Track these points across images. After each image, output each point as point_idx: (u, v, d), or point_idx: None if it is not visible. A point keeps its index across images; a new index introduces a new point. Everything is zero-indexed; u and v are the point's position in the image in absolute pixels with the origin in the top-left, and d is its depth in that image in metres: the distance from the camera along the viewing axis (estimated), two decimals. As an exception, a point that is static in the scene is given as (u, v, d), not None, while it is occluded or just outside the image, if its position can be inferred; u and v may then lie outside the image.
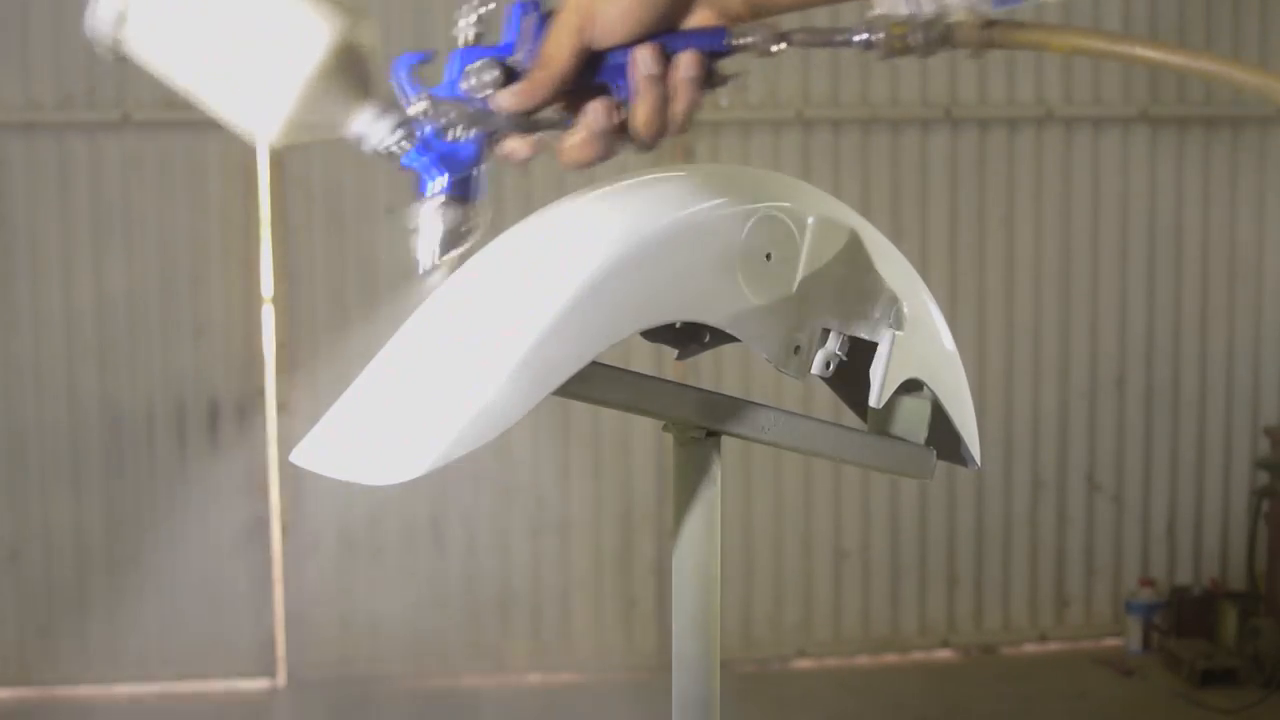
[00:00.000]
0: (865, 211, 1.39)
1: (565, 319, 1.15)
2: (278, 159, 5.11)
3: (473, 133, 1.14)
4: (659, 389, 1.29)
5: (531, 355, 1.14)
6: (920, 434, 1.43)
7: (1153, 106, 5.49)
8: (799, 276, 1.29)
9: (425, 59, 1.14)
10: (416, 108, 1.13)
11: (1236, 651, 5.17)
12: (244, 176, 5.10)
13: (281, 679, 5.22)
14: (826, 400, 1.51)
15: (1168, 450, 5.61)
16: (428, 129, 1.14)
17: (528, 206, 1.28)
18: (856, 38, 1.14)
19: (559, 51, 1.13)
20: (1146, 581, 5.50)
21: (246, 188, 5.11)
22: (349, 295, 5.15)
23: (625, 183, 1.30)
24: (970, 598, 5.54)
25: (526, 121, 1.17)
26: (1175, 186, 5.55)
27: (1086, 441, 5.56)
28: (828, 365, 1.31)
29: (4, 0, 4.97)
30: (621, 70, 1.15)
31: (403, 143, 1.16)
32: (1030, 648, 5.57)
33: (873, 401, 1.31)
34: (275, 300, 5.14)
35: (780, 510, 5.39)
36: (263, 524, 5.18)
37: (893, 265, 1.37)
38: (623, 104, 1.16)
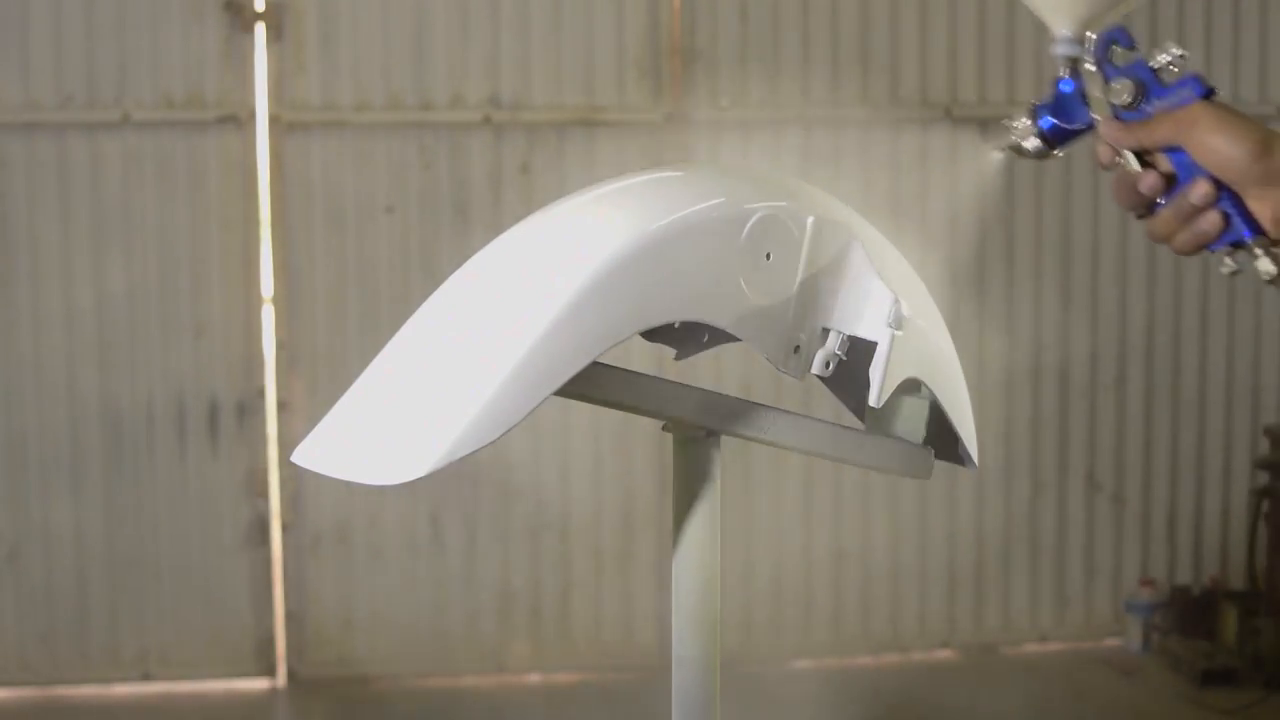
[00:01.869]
0: (865, 211, 1.39)
1: (566, 319, 1.15)
2: (278, 159, 5.11)
3: (1092, 117, 1.42)
4: (659, 389, 1.29)
5: (533, 356, 1.14)
6: (919, 434, 1.44)
7: (1153, 106, 5.48)
8: (799, 276, 1.29)
9: (1124, 42, 1.41)
10: (1088, 64, 1.41)
11: (1236, 651, 5.17)
12: (244, 176, 5.10)
13: (281, 679, 5.22)
14: (826, 400, 1.51)
15: (1168, 450, 5.61)
16: (1075, 81, 1.42)
17: (528, 206, 1.28)
18: None
19: (1160, 133, 1.37)
20: (1146, 581, 5.50)
21: (246, 188, 5.11)
22: (349, 295, 5.15)
23: (625, 183, 1.30)
24: (970, 598, 5.54)
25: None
26: (1175, 186, 5.54)
27: (1086, 441, 5.56)
28: (827, 365, 1.31)
29: (4, 0, 4.97)
30: (1186, 171, 1.37)
31: (1065, 70, 1.43)
32: (1030, 648, 5.57)
33: (872, 401, 1.31)
34: (275, 300, 5.14)
35: (780, 510, 5.39)
36: (263, 524, 5.18)
37: (892, 265, 1.38)
38: (1165, 190, 1.39)
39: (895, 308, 1.29)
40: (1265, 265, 1.34)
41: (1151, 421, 5.60)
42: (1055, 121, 1.46)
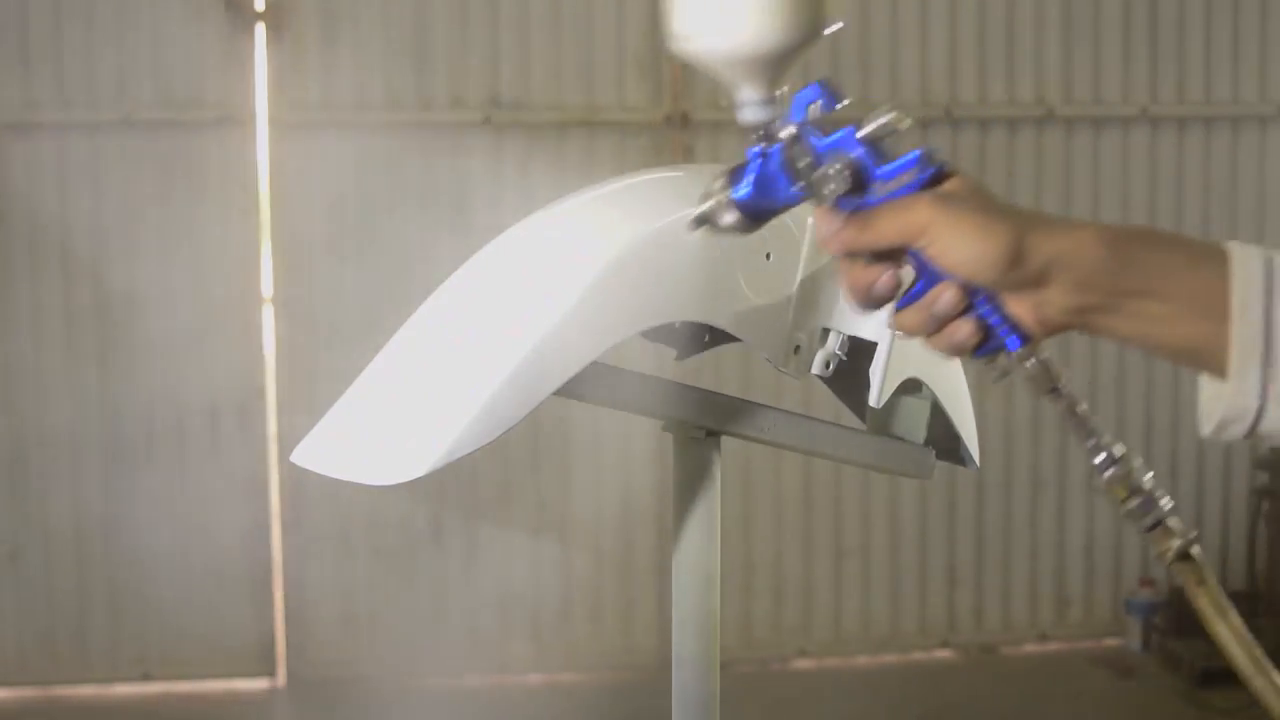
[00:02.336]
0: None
1: (566, 320, 1.15)
2: (278, 159, 5.11)
3: (797, 191, 1.12)
4: (659, 389, 1.29)
5: (532, 356, 1.14)
6: (919, 434, 1.44)
7: (1153, 106, 5.49)
8: (799, 276, 1.29)
9: (826, 102, 1.12)
10: (784, 130, 1.12)
11: (1236, 651, 5.16)
12: (244, 176, 5.10)
13: (281, 679, 5.22)
14: (826, 400, 1.51)
15: (1168, 450, 5.61)
16: (775, 148, 1.12)
17: (528, 206, 1.28)
18: (1100, 475, 1.13)
19: (885, 235, 1.08)
20: (1146, 581, 5.50)
21: (246, 188, 5.11)
22: (349, 295, 5.15)
23: (625, 183, 1.30)
24: (970, 598, 5.54)
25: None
26: (1175, 186, 5.55)
27: (1086, 441, 5.55)
28: (827, 365, 1.31)
29: (4, 1, 4.97)
30: (928, 277, 1.10)
31: (756, 136, 1.14)
32: (1030, 648, 5.57)
33: (872, 401, 1.31)
34: (275, 300, 5.14)
35: (780, 510, 5.39)
36: (263, 524, 5.18)
37: (893, 265, 1.37)
38: (911, 290, 1.12)
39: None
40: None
41: (1151, 421, 5.60)
42: (754, 195, 1.14)
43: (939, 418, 1.44)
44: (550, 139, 5.20)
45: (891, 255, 1.09)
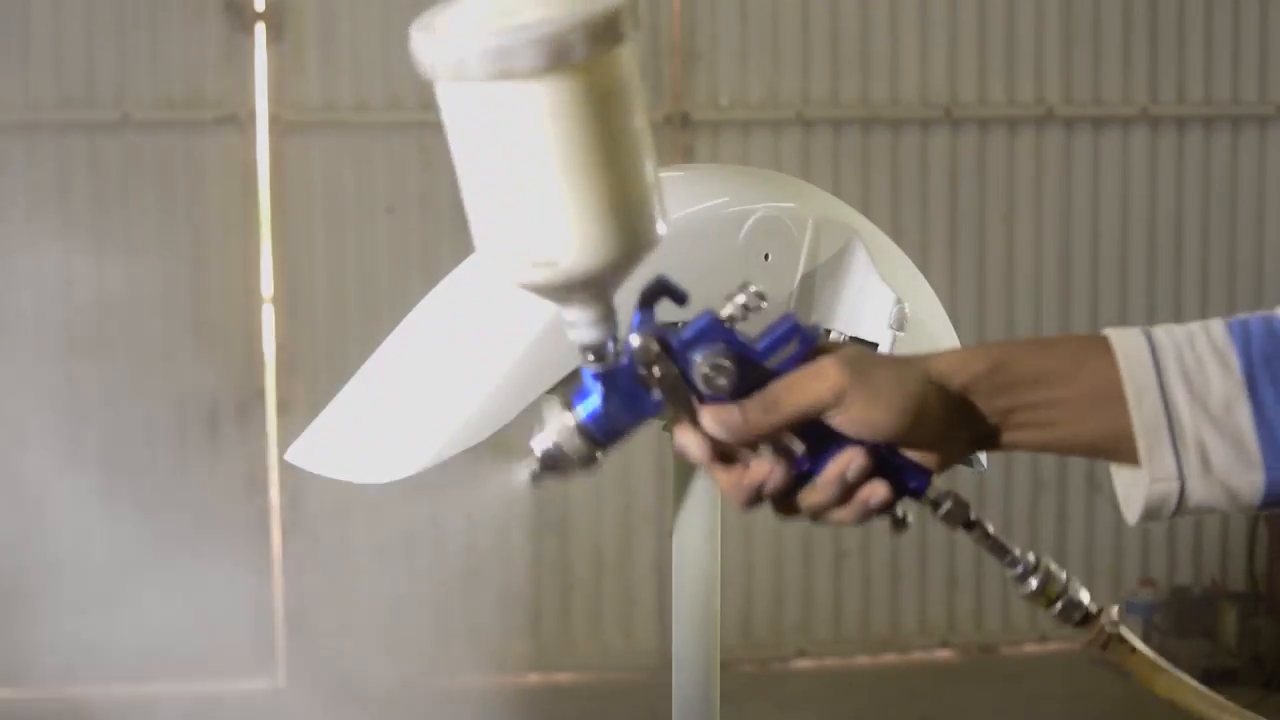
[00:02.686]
0: (865, 211, 1.39)
1: (560, 320, 1.15)
2: (278, 159, 5.11)
3: (660, 402, 1.03)
4: (659, 389, 1.29)
5: (527, 355, 1.13)
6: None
7: (1153, 106, 5.49)
8: (799, 276, 1.28)
9: (674, 294, 1.03)
10: (636, 342, 1.01)
11: (1236, 651, 5.16)
12: (244, 176, 5.10)
13: (281, 679, 5.22)
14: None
15: (1168, 450, 5.60)
16: (625, 362, 1.02)
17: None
18: (1025, 585, 1.20)
19: (798, 408, 1.03)
20: (1146, 581, 5.50)
21: (246, 188, 5.11)
22: (349, 295, 5.15)
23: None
24: (970, 598, 5.54)
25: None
26: (1175, 186, 5.54)
27: (1086, 441, 5.55)
28: (828, 365, 1.31)
29: (4, 0, 4.97)
30: (821, 441, 1.06)
31: (591, 355, 1.03)
32: (1030, 648, 5.57)
33: (873, 401, 1.30)
34: (275, 300, 5.14)
35: (780, 510, 5.39)
36: (263, 524, 5.18)
37: (895, 265, 1.37)
38: (800, 469, 1.09)
39: (898, 308, 1.29)
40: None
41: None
42: (604, 416, 1.04)
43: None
44: (550, 139, 5.19)
45: (776, 440, 1.05)
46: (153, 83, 5.05)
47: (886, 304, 1.29)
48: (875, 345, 1.32)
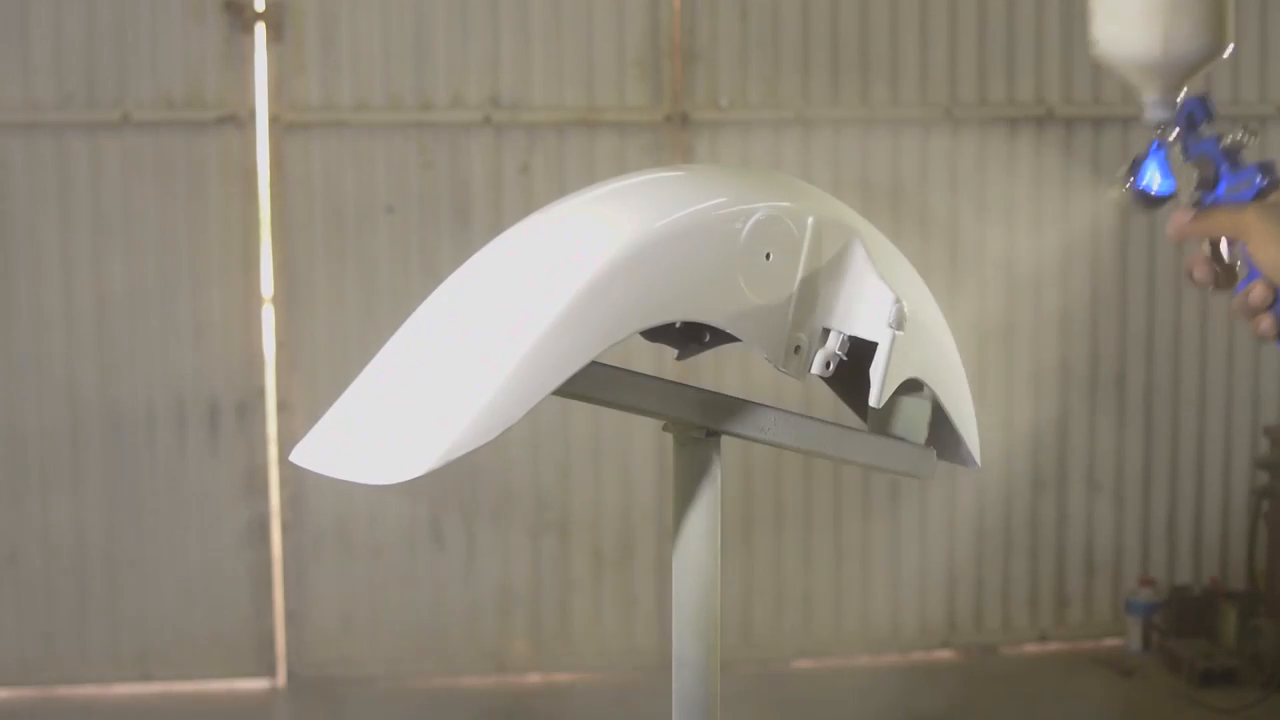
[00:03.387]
0: (865, 211, 1.39)
1: (566, 319, 1.15)
2: (278, 159, 5.11)
3: (1168, 186, 1.43)
4: (659, 389, 1.29)
5: (532, 355, 1.14)
6: (920, 434, 1.43)
7: (1153, 106, 5.48)
8: (799, 276, 1.29)
9: (1201, 113, 1.43)
10: (1169, 133, 1.44)
11: (1236, 651, 5.17)
12: (244, 176, 5.10)
13: (281, 679, 5.22)
14: (826, 400, 1.51)
15: (1168, 450, 5.61)
16: (1164, 145, 1.43)
17: (528, 206, 1.28)
18: None
19: (1214, 228, 1.39)
20: (1146, 581, 5.50)
21: (246, 188, 5.11)
22: (349, 295, 5.15)
23: (626, 183, 1.30)
24: (970, 598, 5.54)
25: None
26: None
27: (1086, 441, 5.56)
28: (828, 365, 1.31)
29: (4, 0, 4.97)
30: (1250, 265, 1.38)
31: (1156, 131, 1.44)
32: (1030, 648, 5.57)
33: (872, 401, 1.31)
34: (275, 300, 5.14)
35: (780, 510, 5.39)
36: (263, 524, 5.18)
37: (893, 265, 1.37)
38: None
39: (896, 307, 1.29)
40: None
41: (1151, 422, 5.60)
42: (1145, 184, 1.49)
43: (940, 418, 1.43)
44: (550, 139, 5.20)
45: (1218, 249, 1.39)
46: (153, 83, 5.05)
47: (885, 303, 1.29)
48: (874, 345, 1.32)
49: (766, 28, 5.28)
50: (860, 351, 1.31)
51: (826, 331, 1.31)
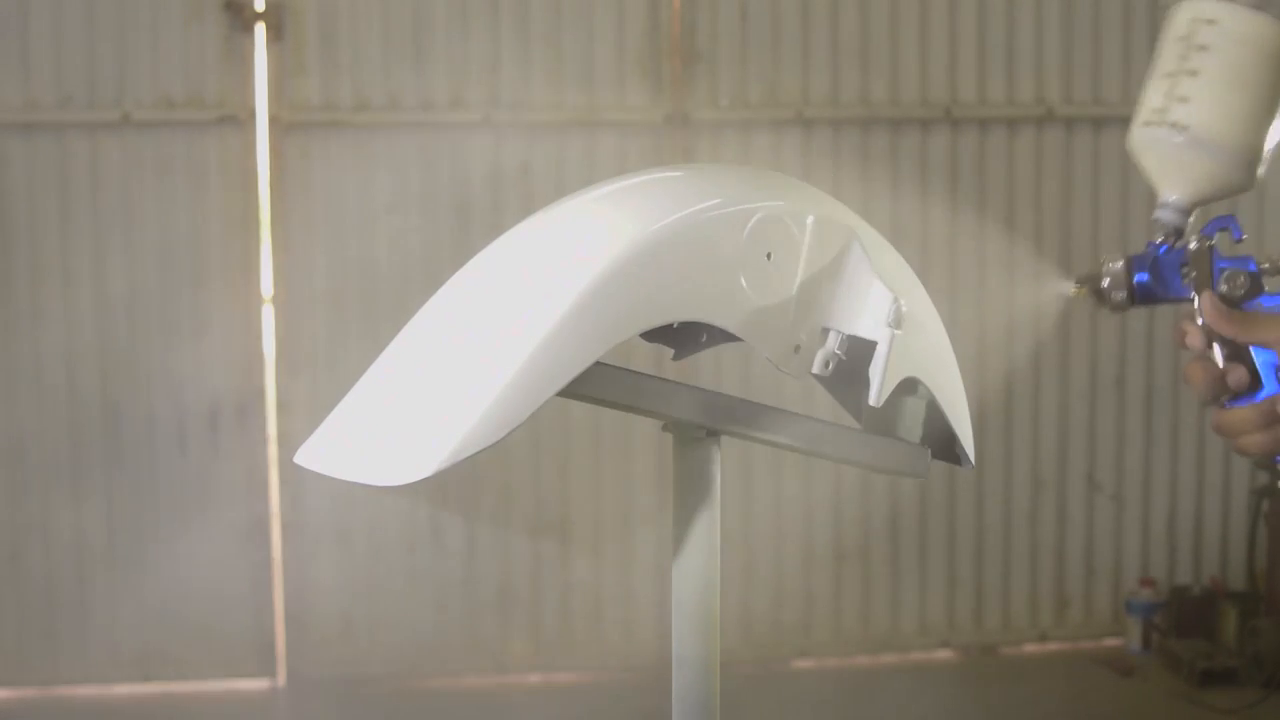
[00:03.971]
0: (865, 211, 1.39)
1: (570, 320, 1.15)
2: (278, 159, 5.11)
3: (1187, 287, 1.46)
4: (659, 389, 1.29)
5: (537, 356, 1.14)
6: (916, 433, 1.44)
7: (1152, 106, 5.48)
8: (799, 276, 1.29)
9: (1236, 233, 1.49)
10: (1193, 242, 1.47)
11: (1236, 651, 5.17)
12: (244, 176, 5.11)
13: (281, 679, 5.23)
14: (826, 400, 1.51)
15: (1168, 450, 5.61)
16: (1177, 250, 1.47)
17: (528, 206, 1.28)
18: None
19: (1255, 334, 1.43)
20: (1146, 581, 5.50)
21: (246, 188, 5.11)
22: (349, 295, 5.15)
23: (627, 183, 1.30)
24: (970, 598, 5.54)
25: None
26: (1175, 186, 5.54)
27: (1086, 441, 5.56)
28: (827, 364, 1.31)
29: (4, 0, 4.97)
30: (1271, 374, 1.43)
31: (1164, 236, 1.48)
32: (1030, 648, 5.57)
33: (872, 400, 1.31)
34: (275, 300, 5.14)
35: (780, 510, 5.39)
36: (263, 524, 5.19)
37: (891, 264, 1.38)
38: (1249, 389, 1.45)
39: (895, 307, 1.29)
40: None
41: (1151, 422, 5.60)
42: (1149, 283, 1.50)
43: (935, 417, 1.44)
44: (550, 139, 5.20)
45: (1240, 358, 1.42)
46: (153, 83, 5.05)
47: (884, 302, 1.29)
48: (874, 345, 1.32)
49: (766, 28, 5.28)
50: (858, 350, 1.32)
51: (826, 331, 1.31)
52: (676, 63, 5.24)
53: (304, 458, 1.19)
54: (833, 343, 1.31)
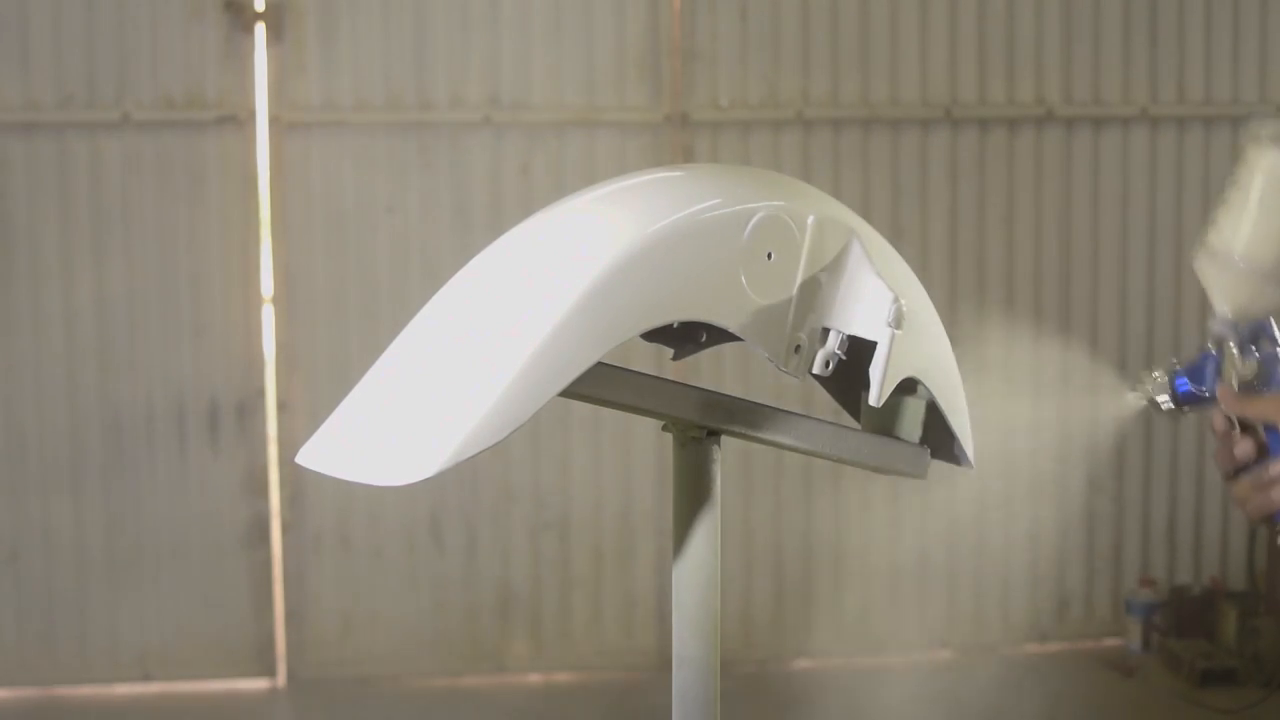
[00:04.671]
0: (865, 211, 1.39)
1: (572, 320, 1.15)
2: (278, 159, 5.11)
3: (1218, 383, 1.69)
4: (659, 389, 1.29)
5: (538, 356, 1.14)
6: (915, 433, 1.44)
7: (1152, 106, 5.49)
8: (800, 276, 1.29)
9: (1271, 336, 1.67)
10: (1244, 364, 1.68)
11: (1236, 651, 5.17)
12: (244, 176, 5.10)
13: (281, 679, 5.23)
14: (826, 400, 1.51)
15: (1168, 450, 5.61)
16: (1218, 354, 1.70)
17: (528, 206, 1.28)
18: None
19: (1255, 410, 1.65)
20: (1146, 581, 5.50)
21: (246, 188, 5.11)
22: (349, 295, 5.15)
23: (627, 183, 1.30)
24: (970, 598, 5.54)
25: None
26: (1175, 186, 5.54)
27: (1086, 441, 5.55)
28: (827, 364, 1.31)
29: (4, 0, 4.97)
30: (1276, 447, 1.64)
31: (1213, 345, 1.71)
32: (1030, 648, 5.57)
33: (872, 400, 1.31)
34: (275, 300, 5.14)
35: (780, 510, 5.39)
36: (263, 524, 5.18)
37: (891, 265, 1.38)
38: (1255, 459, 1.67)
39: (895, 307, 1.29)
40: None
41: (1152, 422, 5.60)
42: (1190, 386, 1.77)
43: (934, 417, 1.44)
44: (550, 139, 5.20)
45: (1252, 434, 1.63)
46: (153, 83, 5.05)
47: (884, 302, 1.29)
48: (874, 345, 1.32)
49: (766, 28, 5.28)
50: (858, 350, 1.32)
51: (826, 331, 1.31)
52: (676, 63, 5.24)
53: (306, 458, 1.19)
54: (833, 343, 1.31)
